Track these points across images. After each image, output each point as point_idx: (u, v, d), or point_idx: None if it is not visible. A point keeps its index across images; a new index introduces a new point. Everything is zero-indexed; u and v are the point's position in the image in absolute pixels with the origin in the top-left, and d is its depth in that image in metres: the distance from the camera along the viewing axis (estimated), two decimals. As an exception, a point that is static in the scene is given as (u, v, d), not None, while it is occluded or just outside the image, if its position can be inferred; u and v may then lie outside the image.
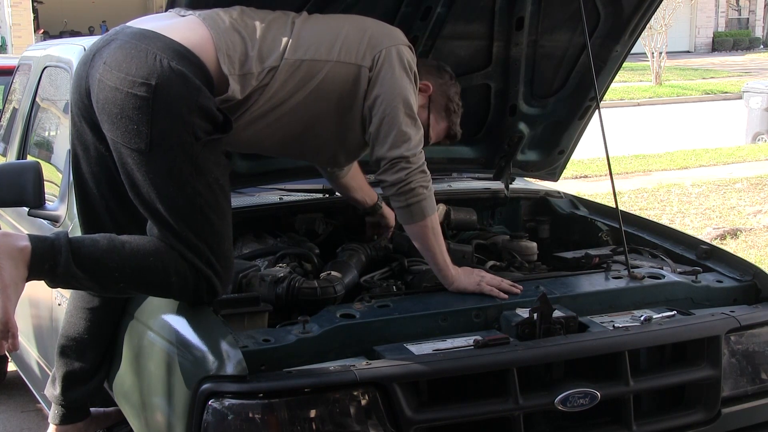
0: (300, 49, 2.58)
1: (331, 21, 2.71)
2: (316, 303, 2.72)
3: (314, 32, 2.63)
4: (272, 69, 2.53)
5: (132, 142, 2.33)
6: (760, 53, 34.83)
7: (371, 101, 2.63)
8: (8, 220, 4.10)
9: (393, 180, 2.61)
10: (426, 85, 2.88)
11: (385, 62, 2.63)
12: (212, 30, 2.48)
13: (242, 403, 2.18)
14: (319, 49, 2.60)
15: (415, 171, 2.60)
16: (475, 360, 2.35)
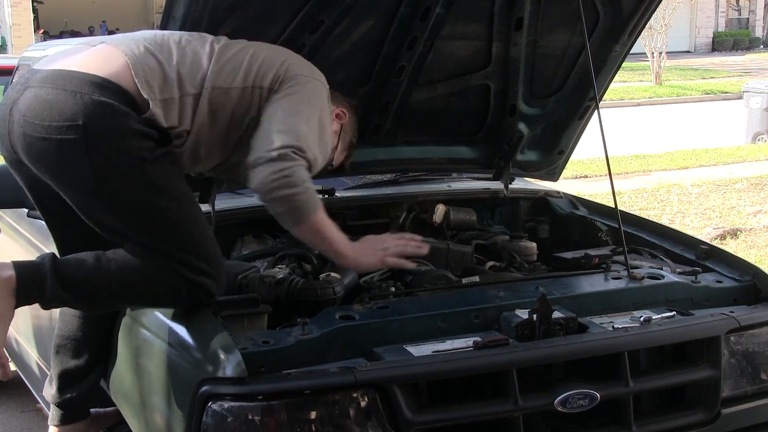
0: (221, 77, 2.49)
1: (252, 47, 2.61)
2: (316, 304, 2.71)
3: (235, 59, 2.53)
4: (195, 95, 2.45)
5: (80, 187, 2.31)
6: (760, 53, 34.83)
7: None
8: (8, 221, 4.10)
9: (274, 170, 2.39)
10: (343, 113, 2.88)
11: (296, 86, 2.54)
12: (128, 56, 2.39)
13: (241, 405, 2.17)
14: (237, 76, 2.51)
15: (299, 166, 2.42)
16: (474, 361, 2.35)
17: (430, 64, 3.30)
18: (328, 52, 3.03)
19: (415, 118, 3.47)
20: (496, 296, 2.68)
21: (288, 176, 2.37)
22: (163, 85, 2.40)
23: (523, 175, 3.96)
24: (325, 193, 3.52)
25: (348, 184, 3.73)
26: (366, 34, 3.08)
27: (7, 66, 6.09)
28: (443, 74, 3.41)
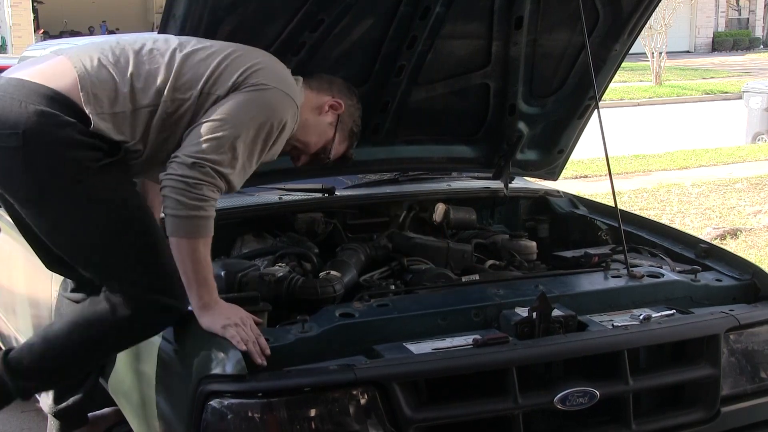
0: (181, 87, 2.42)
1: (222, 53, 2.52)
2: (316, 302, 2.72)
3: (198, 67, 2.46)
4: (151, 108, 2.39)
5: (23, 195, 2.30)
6: (760, 53, 34.82)
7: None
8: (7, 219, 4.10)
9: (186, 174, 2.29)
10: (338, 103, 2.79)
11: (250, 92, 2.44)
12: (77, 70, 2.36)
13: (241, 402, 2.18)
14: (197, 84, 2.43)
15: (212, 181, 2.32)
16: (474, 359, 2.35)
17: (429, 63, 3.30)
18: (328, 51, 3.03)
19: (414, 118, 3.47)
20: (496, 294, 2.68)
21: (192, 190, 2.27)
22: (114, 98, 2.36)
23: (522, 174, 3.96)
24: (325, 192, 3.52)
25: (347, 183, 3.73)
26: (366, 33, 3.08)
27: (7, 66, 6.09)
28: (443, 73, 3.41)
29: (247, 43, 2.65)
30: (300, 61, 2.97)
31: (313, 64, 3.03)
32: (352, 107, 2.86)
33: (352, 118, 2.87)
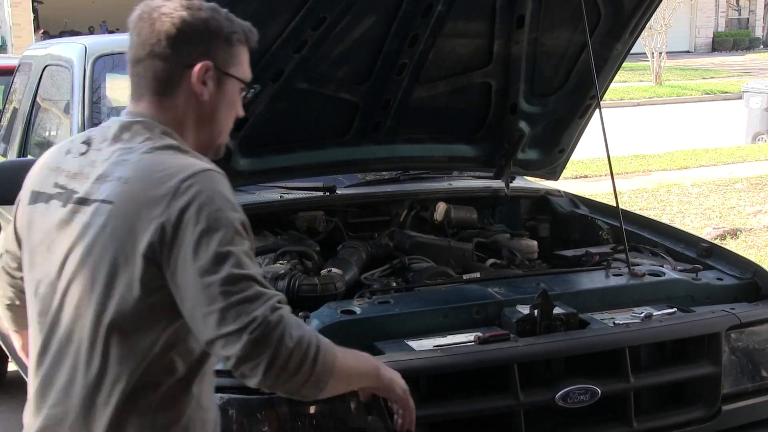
0: None
1: None
2: (317, 300, 2.72)
3: None
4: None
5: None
6: (760, 53, 34.80)
7: None
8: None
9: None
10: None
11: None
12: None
13: (243, 397, 2.18)
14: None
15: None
16: (475, 356, 2.35)
17: (431, 61, 3.30)
18: (329, 49, 3.03)
19: (416, 116, 3.47)
20: (497, 292, 2.69)
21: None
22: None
23: (523, 173, 3.96)
24: (327, 191, 3.53)
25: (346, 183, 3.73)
26: (367, 31, 3.08)
27: (7, 66, 6.10)
28: (444, 72, 3.41)
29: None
30: (302, 58, 2.97)
31: (315, 61, 3.03)
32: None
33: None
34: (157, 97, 1.75)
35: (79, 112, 3.52)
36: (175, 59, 1.72)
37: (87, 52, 3.69)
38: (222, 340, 1.56)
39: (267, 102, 3.06)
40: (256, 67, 2.93)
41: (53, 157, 1.81)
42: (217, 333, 1.56)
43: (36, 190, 1.78)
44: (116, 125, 1.74)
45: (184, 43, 1.72)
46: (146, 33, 1.74)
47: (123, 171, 1.65)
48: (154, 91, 1.75)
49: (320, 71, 3.11)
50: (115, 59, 3.78)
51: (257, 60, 2.92)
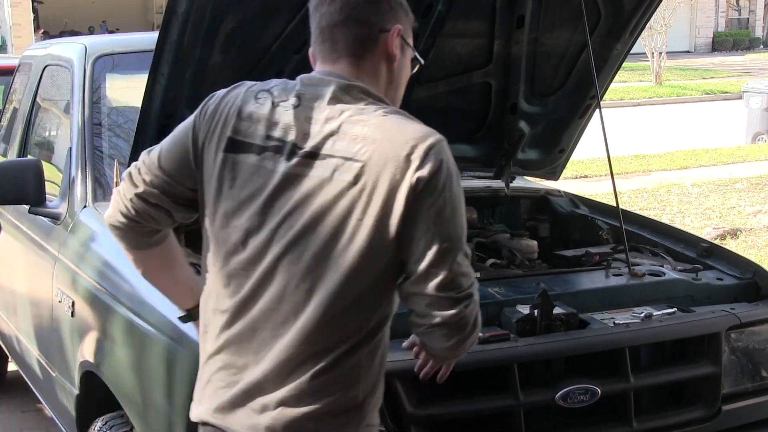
0: None
1: None
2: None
3: None
4: None
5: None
6: (760, 53, 34.82)
7: None
8: (8, 218, 4.11)
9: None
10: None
11: None
12: None
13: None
14: None
15: None
16: (475, 356, 2.35)
17: (431, 61, 3.30)
18: (329, 49, 3.03)
19: (416, 116, 3.45)
20: (497, 292, 2.69)
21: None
22: None
23: (523, 173, 3.96)
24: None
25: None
26: (367, 31, 3.07)
27: (7, 66, 6.10)
28: (444, 72, 3.41)
29: (249, 40, 2.65)
30: (302, 58, 2.97)
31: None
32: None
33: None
34: (354, 58, 1.83)
35: (79, 112, 3.52)
36: (372, 23, 1.83)
37: (87, 52, 3.69)
38: (434, 299, 1.72)
39: (267, 102, 3.05)
40: (255, 67, 2.96)
41: (245, 104, 1.83)
42: (434, 293, 1.71)
43: (238, 139, 1.81)
44: (332, 86, 1.79)
45: (379, 9, 1.84)
46: (344, 4, 1.83)
47: (365, 131, 1.73)
48: (352, 53, 1.83)
49: (320, 71, 3.11)
50: (115, 59, 3.78)
51: (257, 60, 2.92)
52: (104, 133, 3.56)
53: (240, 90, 1.87)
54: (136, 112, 2.86)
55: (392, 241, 1.71)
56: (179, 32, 2.62)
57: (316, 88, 1.80)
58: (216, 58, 2.80)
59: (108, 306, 2.83)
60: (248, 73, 2.95)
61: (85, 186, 3.34)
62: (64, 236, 3.32)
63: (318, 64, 1.87)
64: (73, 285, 3.12)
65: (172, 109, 2.82)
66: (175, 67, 2.69)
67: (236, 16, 2.73)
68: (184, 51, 2.67)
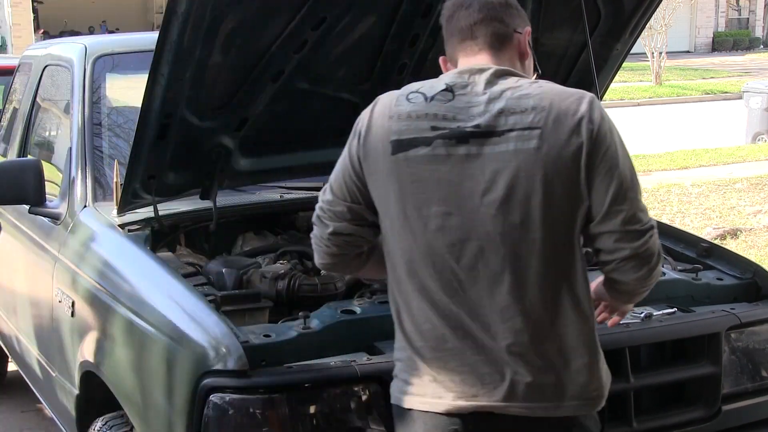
0: None
1: None
2: (317, 299, 2.72)
3: None
4: None
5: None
6: (760, 53, 34.81)
7: None
8: (8, 218, 4.11)
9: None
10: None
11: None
12: None
13: (243, 398, 2.18)
14: None
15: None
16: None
17: (431, 61, 3.29)
18: (330, 49, 3.03)
19: (416, 116, 3.47)
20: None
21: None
22: None
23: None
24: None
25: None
26: (367, 31, 3.08)
27: (7, 66, 6.10)
28: (444, 72, 3.41)
29: (249, 40, 2.65)
30: (302, 58, 2.97)
31: (315, 61, 3.03)
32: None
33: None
34: (494, 50, 2.04)
35: (79, 112, 3.52)
36: (508, 23, 2.06)
37: (87, 52, 3.69)
38: (622, 234, 1.92)
39: (267, 102, 3.06)
40: (255, 67, 2.96)
41: (398, 108, 2.00)
42: (621, 228, 1.92)
43: (403, 138, 1.96)
44: (482, 73, 1.98)
45: (510, 13, 2.08)
46: (481, 6, 2.06)
47: (531, 102, 1.91)
48: (491, 46, 2.05)
49: (320, 71, 3.11)
50: (115, 59, 3.78)
51: (257, 60, 2.93)
52: (104, 133, 3.56)
53: (384, 101, 2.06)
54: (136, 112, 2.86)
55: (582, 191, 1.91)
56: (179, 32, 2.62)
57: (466, 76, 1.98)
58: (216, 58, 2.80)
59: (108, 306, 2.83)
60: (248, 73, 2.95)
61: (85, 186, 3.34)
62: (64, 236, 3.32)
63: (459, 62, 2.06)
64: (73, 285, 3.12)
65: (172, 109, 2.82)
66: (175, 67, 2.69)
67: (236, 16, 2.73)
68: (184, 51, 2.67)
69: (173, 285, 2.61)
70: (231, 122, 3.06)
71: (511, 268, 1.92)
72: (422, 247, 1.96)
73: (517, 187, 1.89)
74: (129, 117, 3.57)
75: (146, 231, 3.02)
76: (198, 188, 3.12)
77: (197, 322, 2.38)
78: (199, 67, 2.78)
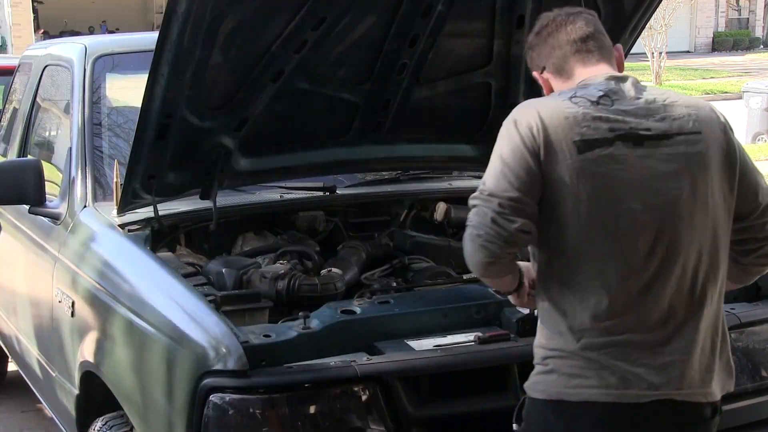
0: None
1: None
2: (317, 300, 2.72)
3: None
4: None
5: None
6: (760, 53, 34.78)
7: None
8: (8, 218, 4.11)
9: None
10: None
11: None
12: None
13: (243, 398, 2.18)
14: None
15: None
16: (475, 356, 2.36)
17: (431, 61, 3.30)
18: (329, 49, 3.03)
19: (416, 116, 3.47)
20: (498, 292, 2.68)
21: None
22: None
23: (523, 173, 3.96)
24: (327, 191, 3.53)
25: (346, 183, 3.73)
26: (367, 32, 3.08)
27: (7, 66, 6.10)
28: (444, 72, 3.41)
29: (249, 40, 2.65)
30: (302, 58, 2.98)
31: (315, 61, 3.03)
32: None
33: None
34: (608, 63, 2.19)
35: (79, 112, 3.52)
36: (608, 38, 2.24)
37: (87, 52, 3.69)
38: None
39: (267, 102, 3.06)
40: (255, 67, 2.96)
41: (572, 111, 2.05)
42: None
43: (587, 139, 2.03)
44: (626, 82, 2.13)
45: (603, 29, 2.26)
46: (587, 21, 2.21)
47: (683, 110, 2.10)
48: (605, 59, 2.19)
49: (320, 71, 3.11)
50: (115, 59, 3.78)
51: (257, 60, 2.93)
52: (104, 133, 3.57)
53: (547, 103, 2.11)
54: (136, 112, 2.86)
55: (736, 186, 2.11)
56: (179, 32, 2.62)
57: (612, 83, 2.11)
58: (216, 58, 2.80)
59: (108, 306, 2.83)
60: (248, 73, 2.95)
61: (85, 186, 3.34)
62: (64, 236, 3.32)
63: (577, 71, 2.17)
64: (73, 285, 3.12)
65: (172, 109, 2.82)
66: (175, 67, 2.70)
67: (236, 16, 2.73)
68: (184, 51, 2.67)
69: (173, 285, 2.61)
70: (231, 122, 3.06)
71: (695, 262, 2.05)
72: (612, 243, 2.02)
73: (696, 186, 2.05)
74: (129, 117, 3.57)
75: (146, 231, 3.02)
76: (198, 188, 3.12)
77: (197, 322, 2.38)
78: (199, 67, 2.78)
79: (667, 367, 2.03)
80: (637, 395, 2.02)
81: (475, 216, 2.02)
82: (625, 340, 2.02)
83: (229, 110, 3.03)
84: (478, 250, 2.02)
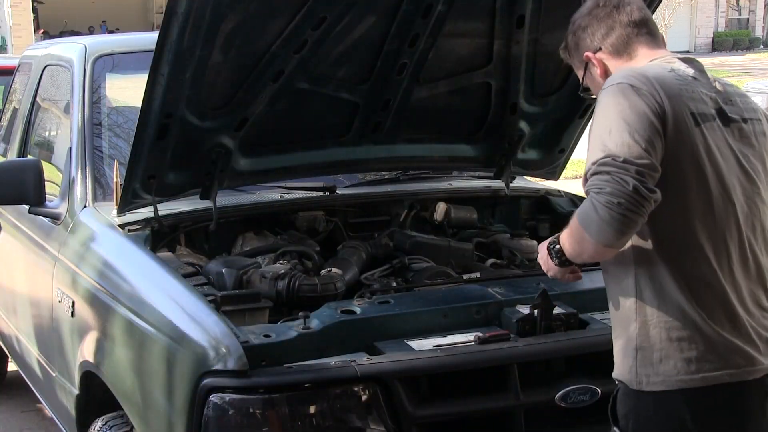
0: None
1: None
2: (317, 299, 2.72)
3: None
4: None
5: None
6: (760, 53, 34.79)
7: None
8: (8, 218, 4.11)
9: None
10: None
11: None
12: None
13: (243, 398, 2.18)
14: None
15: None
16: (475, 356, 2.36)
17: (431, 61, 3.30)
18: (330, 49, 3.03)
19: (416, 116, 3.47)
20: (497, 292, 2.69)
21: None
22: None
23: (524, 173, 3.96)
24: (327, 191, 3.53)
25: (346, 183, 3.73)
26: (368, 31, 3.08)
27: (7, 66, 6.10)
28: (444, 72, 3.41)
29: (249, 40, 2.65)
30: (302, 58, 2.98)
31: (315, 61, 3.03)
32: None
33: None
34: (665, 47, 2.30)
35: (79, 112, 3.52)
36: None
37: (87, 52, 3.69)
38: None
39: (267, 102, 3.06)
40: (255, 67, 2.96)
41: (679, 84, 2.11)
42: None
43: (700, 112, 2.08)
44: (697, 64, 2.23)
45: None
46: (639, 6, 2.26)
47: (743, 98, 2.22)
48: (663, 42, 2.30)
49: (320, 71, 3.11)
50: (115, 59, 3.78)
51: (257, 60, 2.93)
52: (104, 133, 3.56)
53: (656, 71, 2.12)
54: (136, 112, 2.86)
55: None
56: (179, 32, 2.62)
57: (693, 65, 2.21)
58: (216, 58, 2.80)
59: (108, 306, 2.83)
60: (248, 73, 2.95)
61: (85, 186, 3.34)
62: (64, 236, 3.32)
63: (640, 53, 2.22)
64: (73, 285, 3.12)
65: (172, 109, 2.82)
66: (175, 67, 2.70)
67: (236, 16, 2.73)
68: (184, 51, 2.67)
69: (173, 285, 2.61)
70: (231, 122, 3.06)
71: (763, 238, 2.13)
72: (715, 221, 2.04)
73: (766, 167, 2.16)
74: (129, 117, 3.57)
75: (146, 231, 3.02)
76: (198, 188, 3.12)
77: (197, 322, 2.38)
78: (199, 67, 2.78)
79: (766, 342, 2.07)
80: (751, 371, 2.04)
81: (610, 183, 1.89)
82: (732, 317, 2.03)
83: (229, 110, 3.03)
84: (618, 219, 1.89)
